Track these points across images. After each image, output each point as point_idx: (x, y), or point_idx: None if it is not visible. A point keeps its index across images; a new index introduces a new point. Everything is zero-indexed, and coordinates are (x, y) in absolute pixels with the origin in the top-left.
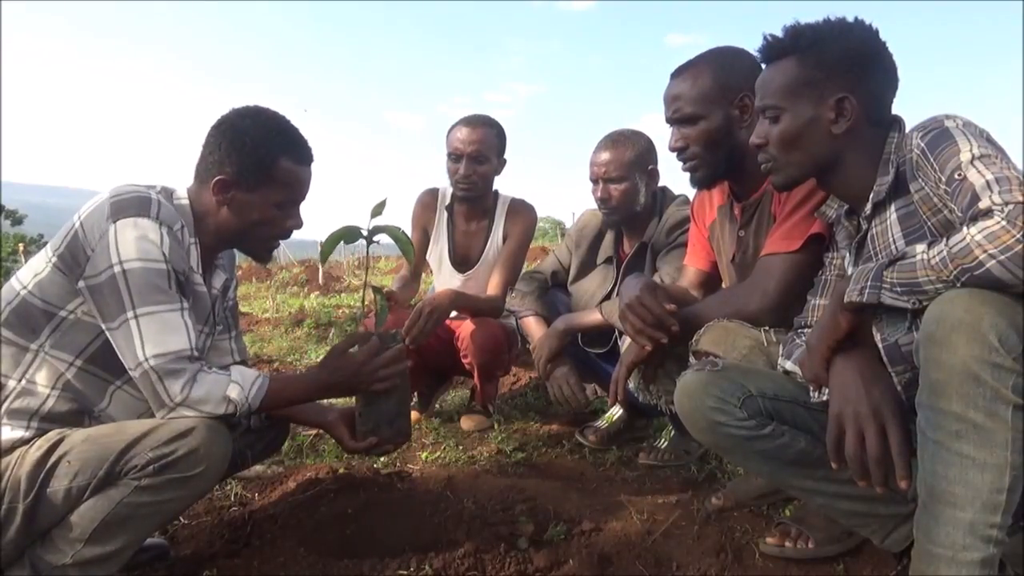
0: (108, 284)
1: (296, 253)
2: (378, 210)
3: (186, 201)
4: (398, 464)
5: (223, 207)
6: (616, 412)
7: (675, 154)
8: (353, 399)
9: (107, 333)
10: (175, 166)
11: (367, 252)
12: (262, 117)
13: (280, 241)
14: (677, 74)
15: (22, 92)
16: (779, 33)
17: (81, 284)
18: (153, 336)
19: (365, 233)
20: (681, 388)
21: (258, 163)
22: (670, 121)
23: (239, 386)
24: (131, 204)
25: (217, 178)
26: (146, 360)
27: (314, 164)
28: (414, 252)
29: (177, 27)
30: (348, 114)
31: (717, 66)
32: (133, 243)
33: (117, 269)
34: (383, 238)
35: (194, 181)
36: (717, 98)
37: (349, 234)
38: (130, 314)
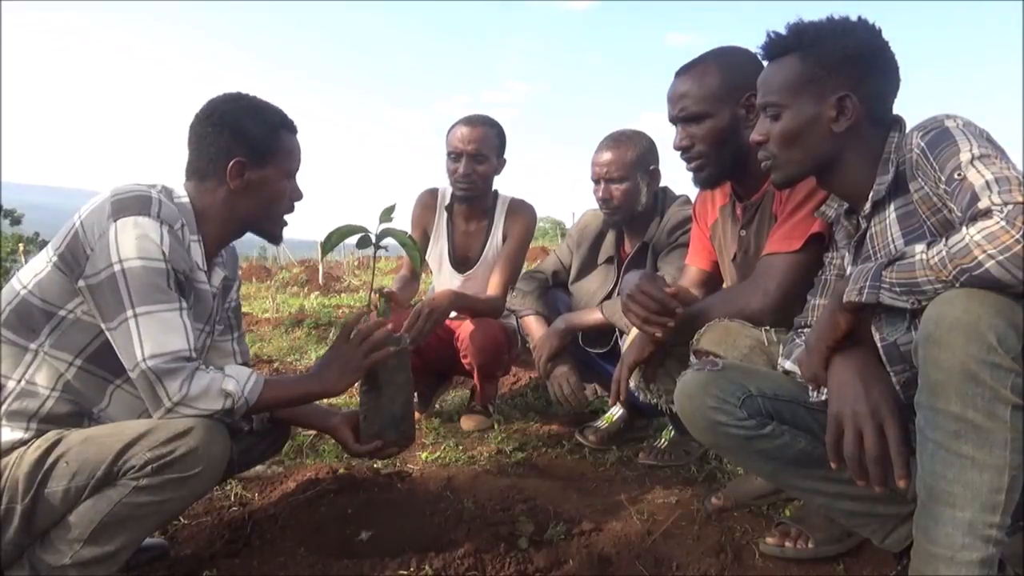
0: (108, 283)
1: (296, 253)
2: (387, 215)
3: (186, 199)
4: (398, 464)
5: (236, 193)
6: (616, 412)
7: (680, 153)
8: (356, 402)
9: (107, 333)
10: (175, 167)
11: (374, 256)
12: (245, 99)
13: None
14: (683, 72)
15: (22, 92)
16: (782, 30)
17: (81, 283)
18: (152, 336)
19: (373, 237)
20: (681, 388)
21: (264, 139)
22: (675, 119)
23: (234, 380)
24: (132, 203)
25: (234, 160)
26: (143, 360)
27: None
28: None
29: (176, 28)
30: (347, 113)
31: (724, 65)
32: (133, 242)
33: (117, 268)
34: (386, 240)
35: (191, 179)
36: (724, 96)
37: (355, 232)
38: (129, 313)
